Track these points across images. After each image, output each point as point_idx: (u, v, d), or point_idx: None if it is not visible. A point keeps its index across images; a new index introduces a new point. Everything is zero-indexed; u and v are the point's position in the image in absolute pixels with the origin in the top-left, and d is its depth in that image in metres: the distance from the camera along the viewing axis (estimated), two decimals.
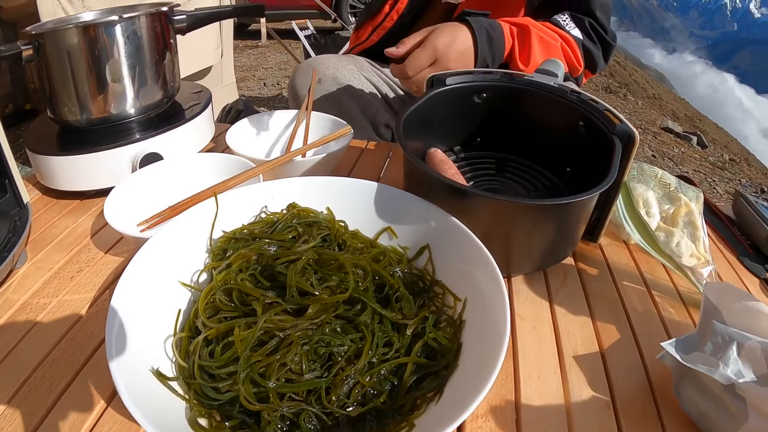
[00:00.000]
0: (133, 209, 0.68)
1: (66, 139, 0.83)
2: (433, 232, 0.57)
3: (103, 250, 0.69)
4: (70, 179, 0.79)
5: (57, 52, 0.76)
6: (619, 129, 0.62)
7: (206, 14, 0.97)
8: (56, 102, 0.81)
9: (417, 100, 0.69)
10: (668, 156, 4.06)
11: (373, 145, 1.01)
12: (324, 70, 1.16)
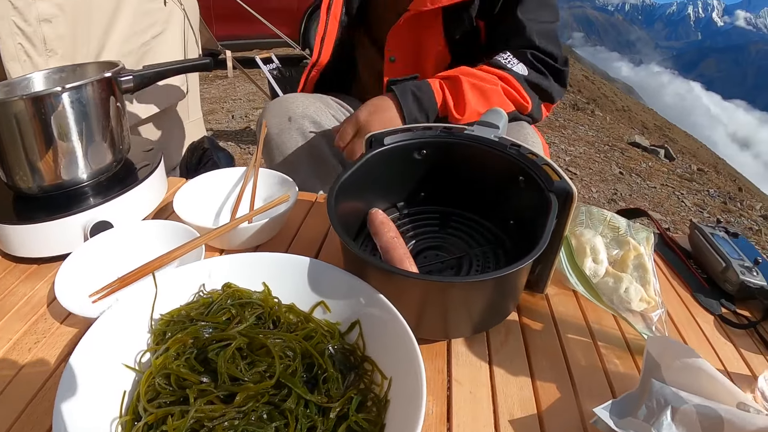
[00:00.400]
0: (85, 279, 0.71)
1: (20, 206, 0.85)
2: (363, 308, 0.59)
3: (59, 320, 0.70)
4: (26, 247, 0.81)
5: (6, 123, 0.78)
6: (556, 186, 0.64)
7: (154, 73, 0.98)
8: (8, 170, 0.82)
9: (353, 164, 0.71)
10: (635, 172, 4.13)
11: (322, 198, 1.02)
12: (294, 108, 1.19)
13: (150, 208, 0.92)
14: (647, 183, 3.91)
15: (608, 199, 3.37)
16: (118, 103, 0.89)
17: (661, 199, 3.62)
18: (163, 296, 0.60)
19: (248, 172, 0.91)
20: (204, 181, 0.92)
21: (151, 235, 0.79)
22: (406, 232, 0.79)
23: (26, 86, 0.95)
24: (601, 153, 4.49)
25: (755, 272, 0.83)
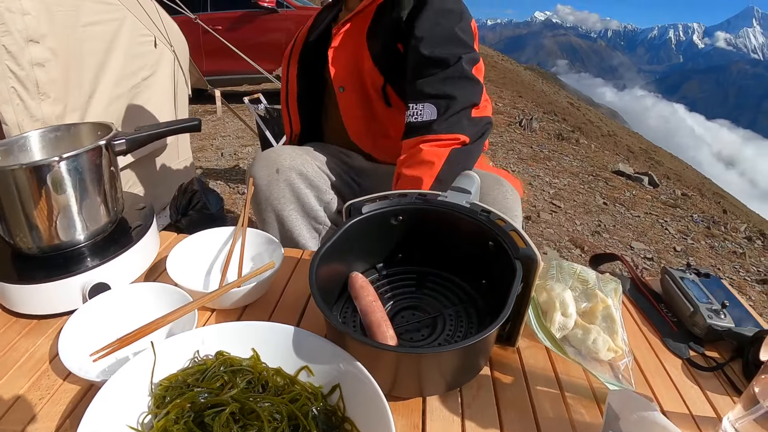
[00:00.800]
0: (85, 339, 0.75)
1: (20, 264, 0.90)
2: (343, 373, 0.64)
3: (61, 376, 0.74)
4: (26, 305, 0.86)
5: (7, 188, 0.83)
6: (522, 253, 0.69)
7: (146, 136, 1.03)
8: (9, 231, 0.87)
9: (333, 235, 0.76)
10: (619, 201, 4.19)
11: (308, 254, 1.07)
12: (282, 160, 1.26)
13: (144, 266, 0.97)
14: (631, 212, 3.96)
15: (592, 232, 3.40)
16: (112, 168, 0.94)
17: (644, 228, 3.67)
18: (162, 362, 0.65)
19: (236, 232, 0.96)
20: (195, 241, 0.97)
21: (146, 297, 0.84)
22: (384, 293, 0.84)
23: (23, 145, 1.00)
24: (585, 184, 4.55)
25: (723, 314, 0.88)
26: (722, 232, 3.97)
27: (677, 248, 3.38)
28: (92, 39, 2.07)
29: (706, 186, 11.16)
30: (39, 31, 1.78)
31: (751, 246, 3.86)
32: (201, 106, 5.57)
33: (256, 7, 6.49)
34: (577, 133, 7.34)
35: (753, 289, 2.99)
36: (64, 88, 1.92)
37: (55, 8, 1.85)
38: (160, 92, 2.52)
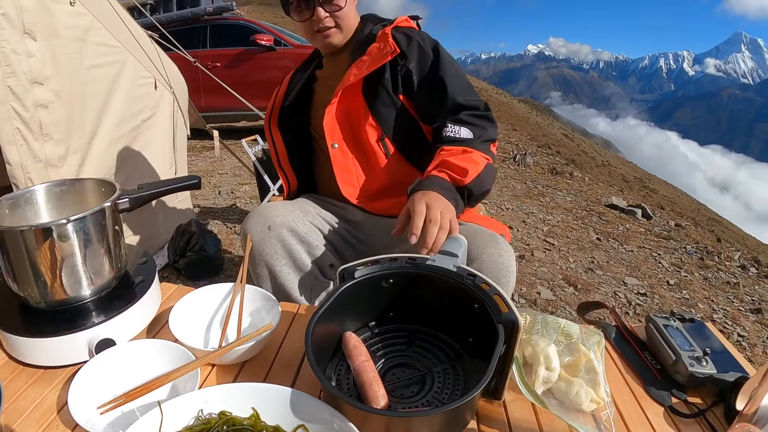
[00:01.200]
0: (92, 393, 0.80)
1: (28, 317, 0.94)
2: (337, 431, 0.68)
3: (69, 427, 0.77)
4: (34, 356, 0.90)
5: (17, 247, 0.88)
6: (504, 317, 0.74)
7: (148, 194, 1.07)
8: (18, 285, 0.92)
9: (328, 299, 0.81)
10: (613, 236, 4.21)
11: (304, 308, 1.11)
12: (273, 217, 1.31)
13: (147, 320, 1.01)
14: (624, 247, 3.99)
15: (585, 269, 3.42)
16: (116, 226, 0.99)
17: (638, 262, 3.68)
18: (168, 420, 0.69)
19: (236, 288, 1.01)
20: (195, 297, 1.02)
21: (151, 353, 0.88)
22: (376, 351, 0.88)
23: (29, 199, 1.04)
24: (579, 219, 4.58)
25: (705, 361, 0.91)
26: (716, 263, 3.98)
27: (671, 282, 3.39)
28: (95, 81, 2.12)
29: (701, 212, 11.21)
30: (43, 74, 1.84)
31: (745, 275, 3.87)
32: (199, 142, 5.62)
33: (254, 45, 6.63)
34: (571, 165, 7.41)
35: (747, 319, 2.99)
36: (66, 130, 1.97)
37: (59, 51, 1.91)
38: (159, 133, 2.57)
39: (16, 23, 1.73)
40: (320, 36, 1.41)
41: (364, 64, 1.35)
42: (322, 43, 1.43)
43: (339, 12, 1.38)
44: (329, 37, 1.41)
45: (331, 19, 1.38)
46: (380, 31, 1.40)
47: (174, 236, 2.60)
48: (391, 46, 1.34)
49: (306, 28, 1.41)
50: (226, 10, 7.47)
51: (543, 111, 15.71)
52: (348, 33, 1.45)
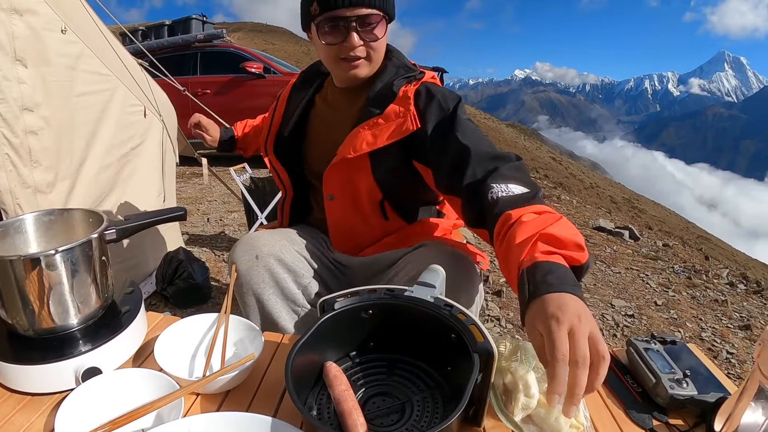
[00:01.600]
0: (79, 420, 0.81)
1: (16, 344, 0.95)
2: None
3: None
4: (21, 383, 0.91)
5: (6, 276, 0.89)
6: (479, 346, 0.76)
7: (135, 225, 1.09)
8: (6, 313, 0.93)
9: (308, 331, 0.83)
10: (600, 259, 4.24)
11: (287, 338, 1.12)
12: (261, 246, 1.31)
13: (133, 349, 1.02)
14: (612, 269, 4.01)
15: None
16: (103, 257, 1.00)
17: (625, 284, 3.71)
18: None
19: (220, 318, 1.03)
20: (181, 327, 1.04)
21: (137, 382, 0.89)
22: (357, 380, 0.90)
23: (18, 227, 1.06)
24: None
25: (685, 383, 0.92)
26: (703, 281, 4.00)
27: (659, 302, 3.41)
28: (85, 109, 2.14)
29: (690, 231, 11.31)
30: (34, 100, 1.86)
31: (734, 292, 3.89)
32: (188, 168, 5.64)
33: (243, 73, 6.70)
34: (559, 189, 7.48)
35: (736, 336, 3.00)
36: (55, 157, 1.98)
37: (50, 78, 1.93)
38: (148, 161, 2.58)
39: (7, 50, 1.76)
40: (346, 65, 1.28)
41: (380, 131, 1.24)
42: (345, 74, 1.30)
43: (374, 43, 1.26)
44: (356, 69, 1.28)
45: (363, 49, 1.25)
46: (402, 88, 1.28)
47: (162, 264, 2.61)
48: (413, 121, 1.23)
49: (331, 53, 1.27)
50: (216, 38, 7.56)
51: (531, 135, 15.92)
52: (375, 67, 1.33)
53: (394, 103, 1.26)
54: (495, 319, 2.83)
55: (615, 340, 2.80)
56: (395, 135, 1.24)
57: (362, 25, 1.22)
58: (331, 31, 1.23)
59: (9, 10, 1.77)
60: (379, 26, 1.24)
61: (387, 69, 1.33)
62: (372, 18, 1.22)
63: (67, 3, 2.07)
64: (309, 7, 1.23)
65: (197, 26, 8.13)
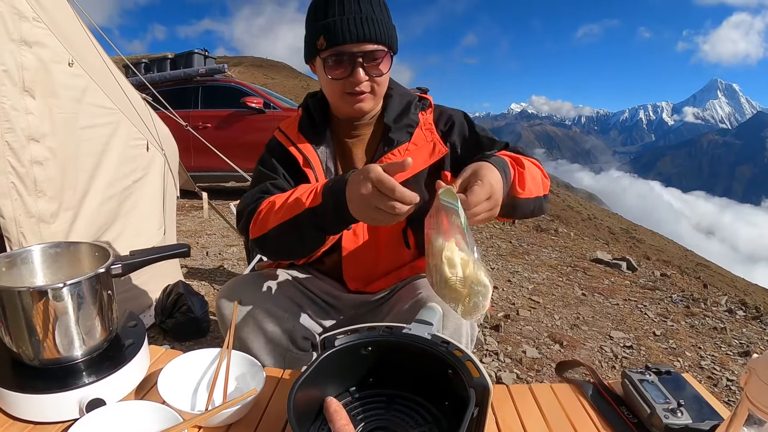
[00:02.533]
0: None
1: (20, 373, 0.96)
2: None
3: None
4: (24, 411, 0.93)
5: (14, 306, 0.91)
6: (475, 381, 0.78)
7: (140, 261, 1.11)
8: (12, 342, 0.95)
9: (309, 366, 0.85)
10: (598, 291, 4.24)
11: (288, 374, 1.14)
12: (244, 291, 1.32)
13: (136, 382, 1.04)
14: (609, 301, 4.02)
15: (571, 325, 3.43)
16: (109, 291, 1.02)
17: (623, 315, 3.70)
18: None
19: (222, 353, 1.05)
20: (184, 361, 1.05)
21: (141, 414, 0.90)
22: (357, 415, 0.91)
23: (25, 258, 1.08)
24: (564, 276, 4.62)
25: (680, 413, 0.94)
26: (702, 309, 4.00)
27: (657, 332, 3.41)
28: (89, 141, 2.18)
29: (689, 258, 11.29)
30: (40, 131, 1.90)
31: (732, 318, 3.89)
32: (188, 201, 5.66)
33: (244, 107, 6.80)
34: (557, 221, 7.51)
35: (736, 363, 2.99)
36: (59, 187, 2.01)
37: (56, 110, 1.98)
38: (150, 194, 2.61)
39: (16, 80, 1.81)
40: (351, 99, 1.29)
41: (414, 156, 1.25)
42: (350, 107, 1.31)
43: (379, 78, 1.28)
44: (361, 103, 1.30)
45: (368, 84, 1.27)
46: (420, 114, 1.37)
47: (161, 297, 2.62)
48: (441, 144, 1.33)
49: (336, 87, 1.28)
50: (217, 72, 7.69)
51: None
52: (379, 101, 1.37)
53: (419, 129, 1.35)
54: (493, 353, 2.83)
55: (614, 372, 2.80)
56: (430, 158, 1.33)
57: (368, 60, 1.24)
58: (337, 66, 1.25)
59: (19, 42, 1.82)
60: (384, 61, 1.27)
61: (394, 98, 1.39)
62: (377, 54, 1.25)
63: (75, 36, 2.13)
64: (315, 40, 1.25)
65: (199, 60, 8.26)
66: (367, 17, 1.22)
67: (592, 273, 4.76)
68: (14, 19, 1.81)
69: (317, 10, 1.25)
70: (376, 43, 1.23)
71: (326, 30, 1.22)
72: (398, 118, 1.36)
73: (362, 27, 1.21)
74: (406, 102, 1.39)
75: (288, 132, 1.42)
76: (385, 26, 1.25)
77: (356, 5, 1.22)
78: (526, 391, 1.10)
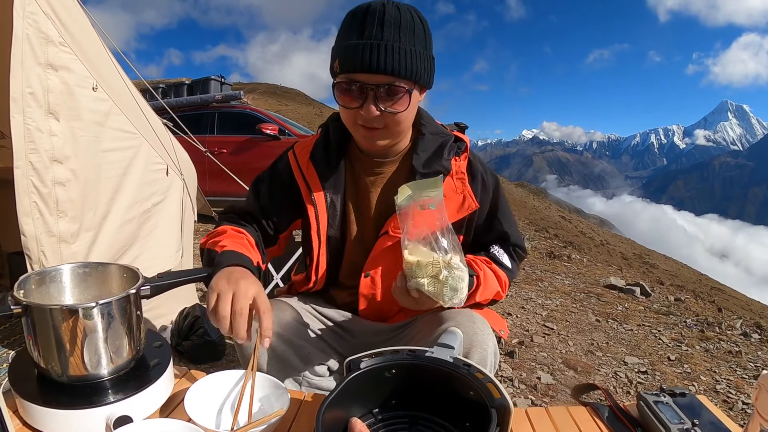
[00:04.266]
0: None
1: (46, 388, 0.98)
2: None
3: None
4: (50, 426, 0.94)
5: (45, 323, 0.94)
6: (497, 402, 0.80)
7: (167, 283, 1.14)
8: (42, 358, 0.97)
9: (336, 388, 0.87)
10: (612, 317, 4.23)
11: (310, 396, 1.16)
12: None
13: (161, 401, 1.05)
14: (624, 326, 4.00)
15: (585, 351, 3.42)
16: (138, 312, 1.05)
17: (638, 341, 3.69)
18: None
19: (246, 374, 1.06)
20: (209, 381, 1.07)
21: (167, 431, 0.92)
22: None
23: (54, 277, 1.10)
24: (578, 302, 4.62)
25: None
26: (716, 333, 3.98)
27: (671, 357, 3.39)
28: (110, 164, 2.24)
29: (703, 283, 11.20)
30: (63, 153, 1.96)
31: (747, 342, 3.88)
32: (203, 225, 5.70)
33: (259, 134, 6.90)
34: (569, 248, 7.50)
35: (751, 386, 2.97)
36: (80, 208, 2.06)
37: (79, 133, 2.04)
38: (168, 217, 2.66)
39: (42, 103, 1.87)
40: (363, 132, 1.19)
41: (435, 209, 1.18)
42: (363, 141, 1.24)
43: (395, 115, 1.15)
44: (372, 139, 1.20)
45: (381, 120, 1.15)
46: (452, 161, 1.28)
47: (178, 319, 2.65)
48: (472, 199, 1.26)
49: (348, 114, 1.19)
50: (233, 99, 7.82)
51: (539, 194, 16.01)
52: (397, 138, 1.25)
53: (450, 178, 1.26)
54: (508, 379, 2.83)
55: (629, 397, 2.78)
56: (459, 213, 1.25)
57: (382, 94, 1.12)
58: (348, 94, 1.15)
59: (45, 65, 1.89)
60: (402, 98, 1.14)
61: (426, 138, 1.29)
62: (394, 89, 1.12)
63: (99, 60, 2.19)
64: (333, 62, 1.16)
65: (216, 87, 8.42)
66: (390, 45, 1.09)
67: (606, 299, 4.75)
68: (41, 43, 1.87)
69: (342, 31, 1.16)
70: (393, 75, 1.10)
71: (342, 53, 1.12)
72: (428, 163, 1.25)
73: (378, 56, 1.08)
74: (439, 144, 1.28)
75: (299, 156, 1.34)
76: (411, 57, 1.11)
77: (379, 29, 1.09)
78: (543, 414, 1.11)
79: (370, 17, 1.10)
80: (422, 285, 1.02)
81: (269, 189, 1.37)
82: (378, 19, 1.09)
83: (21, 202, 1.85)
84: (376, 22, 1.09)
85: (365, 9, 1.11)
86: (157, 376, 1.04)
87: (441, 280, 1.01)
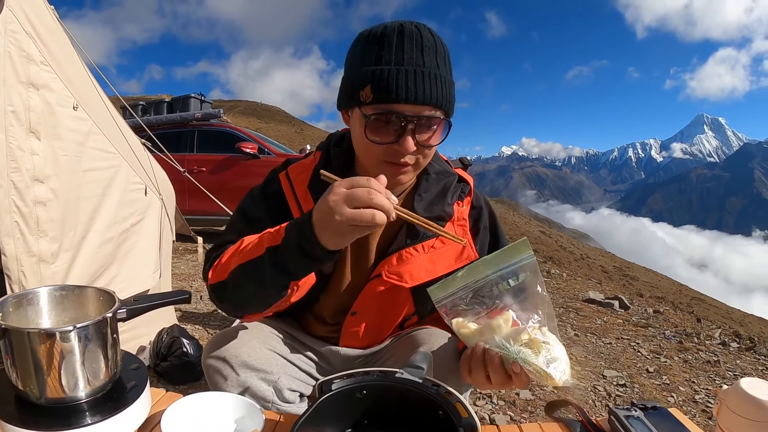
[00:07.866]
0: None
1: (25, 409, 0.98)
2: None
3: None
4: None
5: (23, 347, 0.94)
6: (464, 422, 0.83)
7: (144, 306, 1.14)
8: (20, 380, 0.97)
9: (308, 409, 0.89)
10: (591, 331, 4.27)
11: (285, 417, 1.16)
12: (228, 348, 1.22)
13: (139, 422, 1.06)
14: (602, 340, 4.05)
15: None
16: (114, 335, 1.05)
17: (616, 354, 3.73)
18: None
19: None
20: (186, 403, 1.07)
21: None
22: None
23: (32, 300, 1.10)
24: (557, 317, 4.60)
25: None
26: (695, 344, 4.03)
27: (650, 369, 3.43)
28: (90, 184, 2.24)
29: (683, 293, 11.32)
30: (44, 172, 1.96)
31: (726, 351, 3.94)
32: (182, 244, 5.66)
33: (239, 152, 6.89)
34: (549, 263, 7.57)
35: None
36: (60, 228, 2.05)
37: (60, 152, 2.04)
38: (146, 237, 2.65)
39: (23, 121, 1.87)
40: (391, 170, 1.06)
41: (438, 257, 1.16)
42: (389, 179, 0.95)
43: (429, 150, 1.07)
44: (401, 175, 1.09)
45: (413, 156, 1.06)
46: (456, 204, 1.22)
47: (156, 340, 2.64)
48: (472, 248, 1.21)
49: (374, 151, 1.06)
50: (213, 117, 7.81)
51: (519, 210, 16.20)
52: (416, 174, 1.18)
53: (450, 224, 1.19)
54: (487, 396, 2.85)
55: (607, 410, 2.81)
56: (457, 263, 1.17)
57: (421, 127, 1.03)
58: (382, 128, 1.02)
59: (27, 84, 1.89)
60: (438, 131, 1.06)
61: (431, 177, 1.21)
62: (435, 121, 1.04)
63: (79, 79, 2.20)
64: (359, 90, 1.02)
65: (195, 105, 8.41)
66: (432, 73, 1.00)
67: (585, 313, 4.80)
68: (23, 61, 1.89)
69: (367, 51, 1.03)
70: (436, 107, 1.02)
71: (376, 79, 0.99)
72: (430, 207, 1.18)
73: (423, 85, 0.98)
74: (443, 185, 1.21)
75: (296, 184, 1.23)
76: (448, 87, 1.04)
77: (419, 55, 0.99)
78: (515, 431, 1.13)
79: (408, 41, 1.00)
80: (528, 356, 0.96)
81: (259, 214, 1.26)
82: (417, 44, 1.00)
83: (2, 222, 1.85)
84: (414, 47, 1.00)
85: (398, 31, 1.01)
86: (134, 398, 1.04)
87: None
